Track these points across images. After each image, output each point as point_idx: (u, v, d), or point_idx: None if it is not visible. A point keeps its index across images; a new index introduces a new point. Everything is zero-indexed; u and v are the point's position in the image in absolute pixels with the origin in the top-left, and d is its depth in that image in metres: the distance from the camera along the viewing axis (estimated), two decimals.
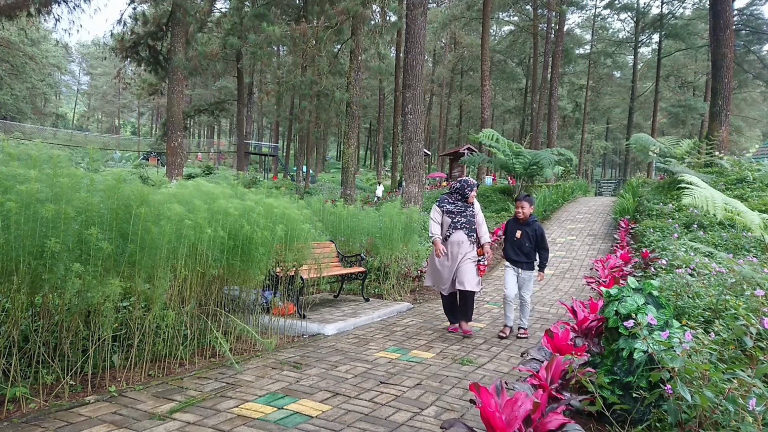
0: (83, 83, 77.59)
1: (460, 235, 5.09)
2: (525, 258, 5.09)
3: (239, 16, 16.23)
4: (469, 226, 5.15)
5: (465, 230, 5.12)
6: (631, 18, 42.57)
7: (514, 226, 5.21)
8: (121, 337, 3.42)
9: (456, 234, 5.10)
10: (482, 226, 5.24)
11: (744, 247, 6.32)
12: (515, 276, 5.15)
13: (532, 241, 5.10)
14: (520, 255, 5.10)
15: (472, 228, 5.16)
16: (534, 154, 16.37)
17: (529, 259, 5.10)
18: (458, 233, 5.10)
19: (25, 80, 43.17)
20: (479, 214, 5.28)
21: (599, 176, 60.68)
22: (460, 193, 5.21)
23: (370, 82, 41.59)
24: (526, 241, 5.09)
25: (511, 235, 5.20)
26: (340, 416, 2.86)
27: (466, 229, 5.12)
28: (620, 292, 3.00)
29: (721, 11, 13.93)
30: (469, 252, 5.09)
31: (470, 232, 5.13)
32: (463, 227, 5.13)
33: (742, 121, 45.29)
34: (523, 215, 5.14)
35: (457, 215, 5.16)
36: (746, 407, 1.85)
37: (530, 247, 5.12)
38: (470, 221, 5.16)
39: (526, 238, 5.10)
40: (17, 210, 2.62)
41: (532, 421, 2.21)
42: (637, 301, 2.91)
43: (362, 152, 64.35)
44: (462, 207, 5.17)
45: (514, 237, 5.16)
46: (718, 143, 13.72)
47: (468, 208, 5.19)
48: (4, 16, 14.68)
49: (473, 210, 5.23)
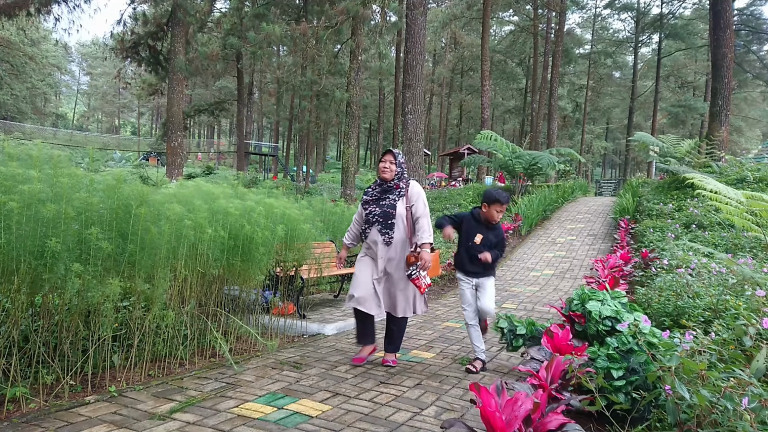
0: (83, 83, 77.60)
1: (373, 234, 3.79)
2: (482, 268, 3.90)
3: (239, 16, 16.24)
4: (384, 220, 3.74)
5: (378, 226, 3.75)
6: (632, 18, 42.60)
7: (475, 226, 3.94)
8: (121, 337, 3.42)
9: (371, 233, 3.81)
10: (421, 219, 3.74)
11: (744, 247, 6.32)
12: (473, 290, 3.94)
13: (492, 246, 3.94)
14: (476, 265, 3.87)
15: (389, 222, 3.72)
16: (534, 155, 16.38)
17: (485, 268, 3.91)
18: (372, 231, 3.80)
19: (25, 80, 43.19)
20: (418, 203, 3.78)
21: (599, 176, 60.66)
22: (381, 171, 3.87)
23: (370, 82, 41.59)
24: (485, 248, 3.87)
25: (468, 237, 3.91)
26: (340, 416, 2.86)
27: (379, 225, 3.74)
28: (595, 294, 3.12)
29: (721, 11, 13.93)
30: (397, 260, 3.76)
31: (385, 229, 3.73)
32: (376, 221, 3.77)
33: (742, 121, 45.31)
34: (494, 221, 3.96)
35: (371, 205, 3.83)
36: (740, 405, 1.85)
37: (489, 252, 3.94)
38: (387, 213, 3.73)
39: (486, 244, 3.89)
40: (18, 210, 2.62)
41: (532, 421, 2.21)
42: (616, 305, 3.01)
43: (362, 152, 64.32)
44: (379, 193, 3.85)
45: (471, 241, 3.90)
46: (718, 143, 13.73)
47: (388, 194, 3.80)
48: (4, 15, 14.69)
49: (394, 197, 3.77)
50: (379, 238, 3.74)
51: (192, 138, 60.65)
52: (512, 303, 6.71)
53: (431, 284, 3.73)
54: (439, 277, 8.21)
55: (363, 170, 54.81)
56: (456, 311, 6.17)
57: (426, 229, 3.71)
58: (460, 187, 21.92)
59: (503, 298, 7.06)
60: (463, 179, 28.00)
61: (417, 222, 3.75)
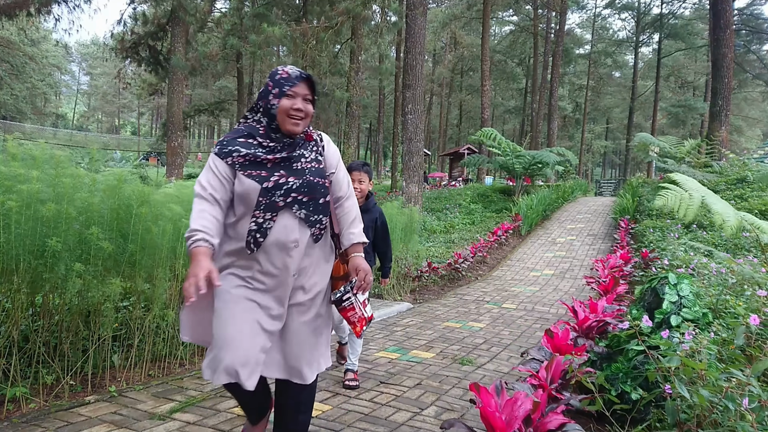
0: (83, 83, 77.66)
1: (283, 230, 1.89)
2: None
3: (239, 16, 16.24)
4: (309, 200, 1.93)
5: (298, 210, 1.91)
6: (632, 17, 42.61)
7: None
8: (121, 337, 3.42)
9: (274, 228, 1.88)
10: (349, 201, 2.11)
11: (744, 247, 6.32)
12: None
13: (370, 237, 3.16)
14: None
15: (319, 203, 1.96)
16: (534, 154, 16.39)
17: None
18: (280, 223, 1.88)
19: (25, 80, 43.18)
20: (340, 170, 2.10)
21: (599, 176, 60.66)
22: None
23: (370, 82, 41.56)
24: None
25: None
26: (340, 416, 2.86)
27: (300, 207, 1.91)
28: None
29: (721, 11, 13.94)
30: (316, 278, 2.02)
31: (313, 215, 1.95)
32: (292, 201, 1.89)
33: (742, 121, 45.32)
34: (360, 194, 3.16)
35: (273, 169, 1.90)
36: (741, 406, 1.86)
37: (367, 247, 2.98)
38: (313, 186, 1.94)
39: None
40: (18, 209, 2.63)
41: (532, 421, 2.21)
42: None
43: (362, 152, 64.30)
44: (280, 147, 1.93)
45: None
46: (719, 143, 13.73)
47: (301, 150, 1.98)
48: (4, 15, 14.69)
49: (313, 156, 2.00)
50: (298, 234, 1.89)
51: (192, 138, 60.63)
52: (512, 303, 6.72)
53: (373, 317, 2.15)
54: (439, 277, 8.13)
55: None
56: (456, 311, 6.17)
57: (358, 218, 2.09)
58: (460, 187, 21.93)
59: (503, 298, 7.07)
60: (463, 179, 28.01)
61: (340, 206, 2.07)
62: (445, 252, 9.53)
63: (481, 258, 9.64)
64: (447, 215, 14.64)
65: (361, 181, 3.20)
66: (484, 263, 9.63)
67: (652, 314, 2.88)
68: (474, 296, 7.16)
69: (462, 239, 11.20)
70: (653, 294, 3.01)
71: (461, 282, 8.27)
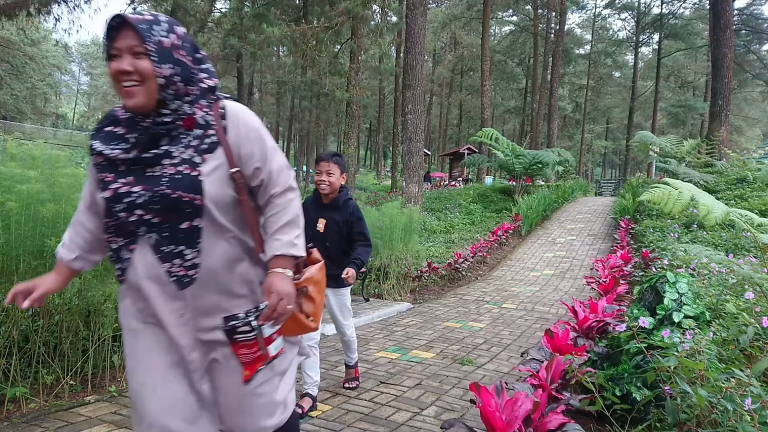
0: (83, 83, 77.61)
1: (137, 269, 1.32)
2: (335, 267, 2.84)
3: (239, 17, 16.24)
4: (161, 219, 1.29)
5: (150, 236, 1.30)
6: (632, 17, 42.63)
7: (315, 209, 3.00)
8: (120, 337, 3.42)
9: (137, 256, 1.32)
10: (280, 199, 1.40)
11: (744, 246, 6.32)
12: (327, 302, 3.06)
13: (344, 233, 2.99)
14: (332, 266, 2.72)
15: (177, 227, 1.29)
16: (535, 154, 16.39)
17: (340, 267, 2.90)
18: (136, 258, 1.32)
19: (25, 80, 43.17)
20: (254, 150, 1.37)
21: (599, 176, 60.65)
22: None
23: (370, 82, 41.56)
24: (335, 234, 2.96)
25: (309, 226, 2.90)
26: (340, 416, 2.86)
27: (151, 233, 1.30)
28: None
29: (721, 11, 13.94)
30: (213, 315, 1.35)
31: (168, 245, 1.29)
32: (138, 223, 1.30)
33: (742, 121, 45.35)
34: (330, 188, 2.92)
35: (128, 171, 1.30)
36: (742, 406, 1.85)
37: (341, 245, 2.99)
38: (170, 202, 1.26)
39: (334, 230, 2.96)
40: (17, 210, 2.62)
41: (532, 421, 2.21)
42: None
43: (362, 152, 64.31)
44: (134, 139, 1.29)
45: (313, 229, 2.95)
46: (719, 143, 13.74)
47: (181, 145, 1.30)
48: (4, 15, 14.69)
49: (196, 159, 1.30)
50: (156, 270, 1.32)
51: None
52: (512, 303, 6.72)
53: (280, 353, 1.42)
54: (439, 277, 8.12)
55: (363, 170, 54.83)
56: (456, 311, 6.17)
57: (296, 223, 1.41)
58: (460, 187, 21.93)
59: (503, 298, 7.07)
60: (463, 179, 28.01)
61: (271, 203, 1.41)
62: (445, 252, 9.53)
63: (481, 258, 9.63)
64: (447, 215, 14.63)
65: (329, 173, 2.88)
66: (484, 263, 9.63)
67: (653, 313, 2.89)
68: (474, 296, 7.16)
69: (462, 239, 11.19)
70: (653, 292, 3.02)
71: (461, 282, 8.26)
